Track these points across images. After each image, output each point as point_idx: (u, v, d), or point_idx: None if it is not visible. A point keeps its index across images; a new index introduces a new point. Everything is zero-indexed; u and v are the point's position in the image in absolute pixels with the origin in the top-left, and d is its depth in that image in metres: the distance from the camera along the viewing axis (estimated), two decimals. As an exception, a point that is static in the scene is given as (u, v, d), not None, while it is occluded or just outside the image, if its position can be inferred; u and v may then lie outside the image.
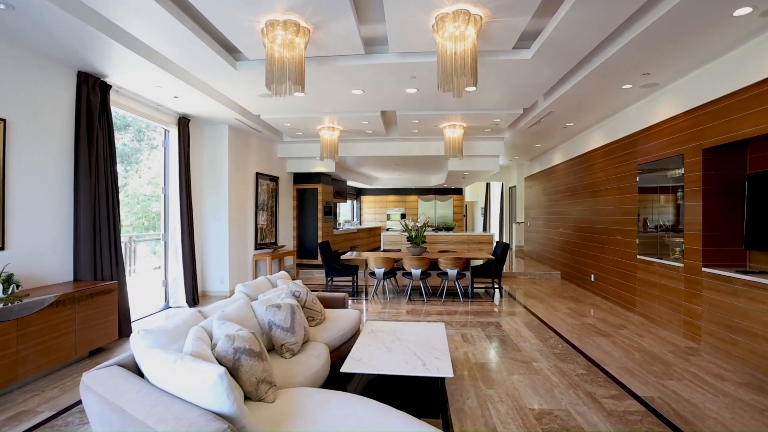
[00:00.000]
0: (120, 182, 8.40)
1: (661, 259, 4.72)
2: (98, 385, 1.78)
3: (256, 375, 2.12)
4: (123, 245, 7.76)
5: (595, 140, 6.58)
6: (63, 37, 3.37)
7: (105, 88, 4.28)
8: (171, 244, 5.93)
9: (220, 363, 2.08)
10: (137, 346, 2.03)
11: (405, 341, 3.19)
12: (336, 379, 3.19)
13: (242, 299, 3.03)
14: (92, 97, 4.12)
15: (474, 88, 4.73)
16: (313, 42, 3.54)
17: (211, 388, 1.55)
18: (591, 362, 3.61)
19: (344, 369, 2.65)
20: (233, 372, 2.08)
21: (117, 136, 8.22)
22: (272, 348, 2.93)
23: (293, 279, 8.39)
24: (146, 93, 4.85)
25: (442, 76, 3.03)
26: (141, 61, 3.88)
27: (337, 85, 4.72)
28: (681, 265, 4.32)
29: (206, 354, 1.98)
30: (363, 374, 3.16)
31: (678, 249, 4.49)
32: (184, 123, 5.89)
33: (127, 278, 7.36)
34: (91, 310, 3.68)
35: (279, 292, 3.41)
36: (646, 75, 4.22)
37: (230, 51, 4.17)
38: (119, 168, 8.36)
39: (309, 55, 3.85)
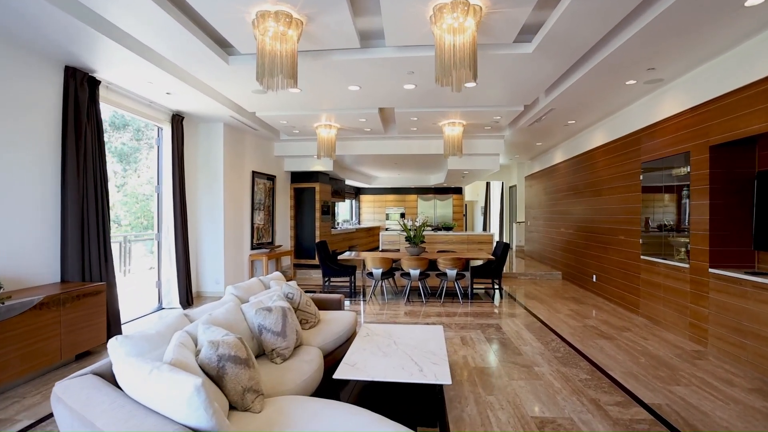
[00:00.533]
0: (119, 181, 8.35)
1: (665, 259, 4.60)
2: (69, 396, 1.66)
3: (241, 383, 2.00)
4: (118, 245, 7.69)
5: (598, 138, 6.46)
6: (48, 31, 3.25)
7: (94, 83, 4.16)
8: (164, 244, 5.81)
9: (204, 371, 1.96)
10: (115, 353, 1.91)
11: (401, 345, 3.07)
12: (329, 385, 3.07)
13: (232, 302, 2.91)
14: (80, 92, 4.00)
15: (474, 84, 4.61)
16: (306, 35, 3.42)
17: (186, 401, 1.43)
18: (594, 366, 3.49)
19: (337, 375, 2.53)
20: (217, 380, 1.97)
21: (116, 135, 8.14)
22: (263, 353, 2.81)
23: (290, 279, 8.27)
24: (138, 89, 4.73)
25: (440, 69, 2.90)
26: (131, 56, 3.76)
27: (333, 81, 4.60)
28: (687, 265, 4.19)
29: (188, 362, 1.86)
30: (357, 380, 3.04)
31: (683, 249, 4.37)
32: (177, 120, 5.77)
33: (122, 279, 7.28)
34: (77, 312, 3.56)
35: (271, 294, 3.29)
36: (651, 70, 4.09)
37: (222, 45, 4.05)
38: (118, 167, 8.29)
39: (303, 48, 3.74)
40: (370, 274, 6.22)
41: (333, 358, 3.33)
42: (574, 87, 4.59)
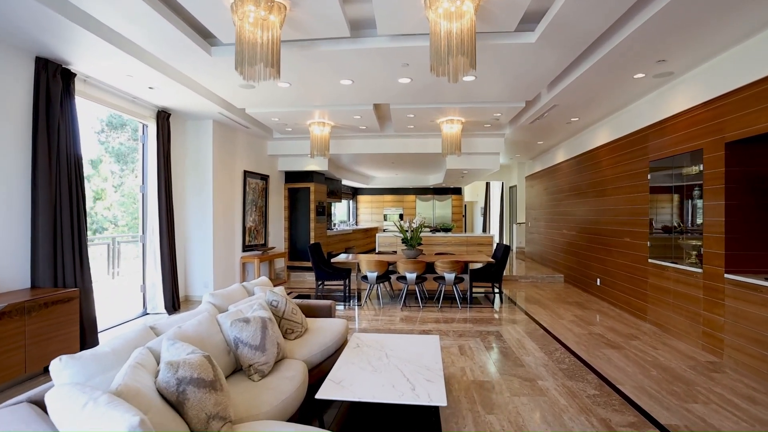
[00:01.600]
0: (116, 181, 8.11)
1: (675, 263, 4.34)
2: (-7, 432, 1.40)
3: (206, 410, 1.75)
4: (106, 247, 7.42)
5: (602, 136, 6.21)
6: (15, 18, 3.00)
7: (68, 76, 3.90)
8: (149, 247, 5.56)
9: (163, 397, 1.70)
10: (58, 377, 1.66)
11: (394, 358, 2.82)
12: (313, 403, 2.81)
13: (206, 312, 2.65)
14: (52, 85, 3.74)
15: (473, 77, 4.36)
16: (291, 22, 3.16)
17: (119, 446, 1.17)
18: (603, 380, 3.23)
19: (320, 395, 2.28)
20: (177, 407, 1.71)
21: (113, 135, 7.90)
22: (240, 368, 2.56)
23: (283, 283, 8.01)
24: (117, 83, 4.47)
25: (435, 57, 2.65)
26: (106, 47, 3.51)
27: (323, 74, 4.34)
28: (699, 270, 3.93)
29: (141, 387, 1.60)
30: (346, 397, 2.77)
31: (694, 253, 4.11)
32: (163, 117, 5.52)
33: (111, 282, 7.02)
34: (45, 321, 3.29)
35: (253, 302, 3.03)
36: (662, 62, 3.84)
37: (204, 36, 3.79)
38: (116, 167, 8.05)
39: (289, 37, 3.48)
40: (365, 277, 5.96)
41: (320, 371, 3.07)
42: (579, 81, 4.34)
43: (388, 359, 2.81)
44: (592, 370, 3.45)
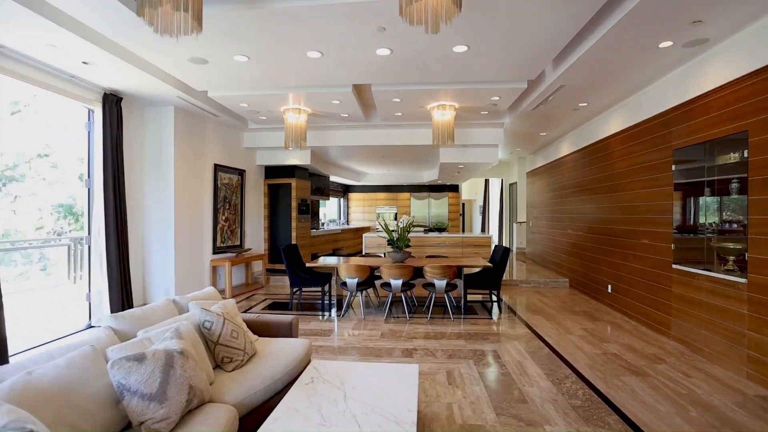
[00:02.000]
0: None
1: (708, 270, 3.62)
2: None
3: None
4: (66, 248, 6.69)
5: (615, 123, 5.48)
6: None
7: (-32, 42, 3.19)
8: (95, 249, 4.84)
9: None
10: None
11: (353, 402, 2.11)
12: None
13: (89, 346, 1.92)
14: (-57, 52, 3.03)
15: (465, 47, 3.64)
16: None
17: None
18: (629, 424, 2.51)
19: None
20: None
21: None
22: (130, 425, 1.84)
23: (261, 287, 7.27)
24: (42, 56, 3.75)
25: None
26: (10, 5, 2.79)
27: (285, 43, 3.61)
28: (743, 280, 3.21)
29: None
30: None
31: (732, 258, 3.40)
32: (111, 101, 4.80)
33: (72, 286, 6.30)
34: None
35: (176, 325, 2.30)
36: (697, 23, 3.11)
37: (133, -9, 3.07)
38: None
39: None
40: (345, 284, 5.24)
41: (262, 413, 2.35)
42: (591, 53, 3.62)
43: (346, 403, 2.10)
44: (613, 408, 2.72)
